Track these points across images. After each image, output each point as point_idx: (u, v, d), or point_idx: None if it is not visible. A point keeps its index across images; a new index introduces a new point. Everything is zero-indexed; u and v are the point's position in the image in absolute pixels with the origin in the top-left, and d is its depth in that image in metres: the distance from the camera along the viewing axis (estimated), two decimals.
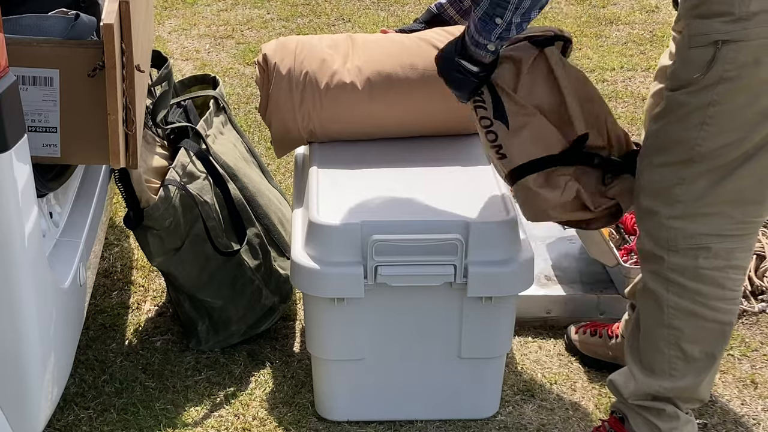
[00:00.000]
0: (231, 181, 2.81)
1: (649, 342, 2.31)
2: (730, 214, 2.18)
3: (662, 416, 2.33)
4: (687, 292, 2.23)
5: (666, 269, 2.23)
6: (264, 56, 2.72)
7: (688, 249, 2.20)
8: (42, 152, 2.21)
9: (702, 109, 2.11)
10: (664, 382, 2.30)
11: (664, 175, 2.20)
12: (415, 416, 2.57)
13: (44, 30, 2.23)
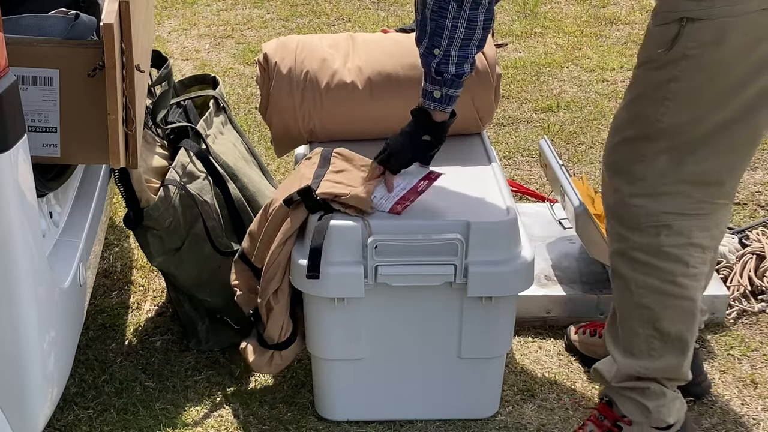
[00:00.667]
0: (231, 181, 2.81)
1: (625, 324, 2.34)
2: (691, 194, 2.23)
3: (648, 395, 2.35)
4: (652, 270, 2.26)
5: (630, 248, 2.27)
6: (264, 55, 2.73)
7: (650, 227, 2.24)
8: (42, 152, 2.21)
9: (664, 84, 2.15)
10: (644, 362, 2.33)
11: (627, 151, 2.25)
12: (415, 416, 2.56)
13: (44, 30, 2.23)
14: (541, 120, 4.16)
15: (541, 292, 2.93)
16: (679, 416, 2.38)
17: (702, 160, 2.20)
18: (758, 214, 3.47)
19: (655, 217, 2.23)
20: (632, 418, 2.38)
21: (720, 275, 3.07)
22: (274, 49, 2.74)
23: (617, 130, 2.28)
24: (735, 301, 3.01)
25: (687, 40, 2.11)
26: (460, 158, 2.66)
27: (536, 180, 3.71)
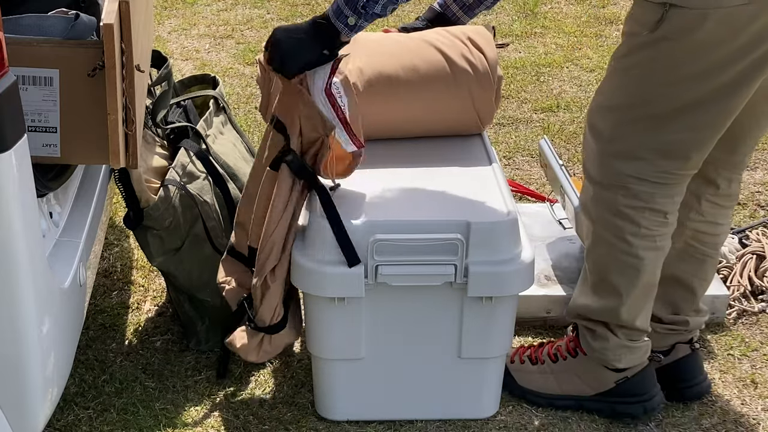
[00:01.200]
0: (231, 181, 2.81)
1: (586, 265, 2.53)
2: (655, 162, 2.35)
3: (593, 336, 2.54)
4: (607, 224, 2.43)
5: (593, 200, 2.43)
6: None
7: (611, 185, 2.39)
8: (42, 152, 2.21)
9: (645, 61, 2.29)
10: (593, 301, 2.51)
11: (607, 114, 2.38)
12: (415, 416, 2.56)
13: (44, 30, 2.23)
14: (541, 120, 4.16)
15: (541, 292, 2.93)
16: (631, 364, 2.54)
17: (673, 132, 2.32)
18: (758, 214, 3.47)
19: (618, 176, 2.38)
20: (586, 351, 2.57)
21: (720, 275, 3.07)
22: None
23: (601, 92, 2.42)
24: (735, 301, 3.01)
25: (668, 24, 2.22)
26: (460, 159, 2.66)
27: (536, 180, 3.71)
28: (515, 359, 2.66)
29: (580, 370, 2.58)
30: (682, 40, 2.23)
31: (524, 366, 2.64)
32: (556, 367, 2.61)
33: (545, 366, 2.62)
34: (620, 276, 2.46)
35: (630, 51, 2.32)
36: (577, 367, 2.58)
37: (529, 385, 2.62)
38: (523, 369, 2.64)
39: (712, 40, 2.21)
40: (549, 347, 2.65)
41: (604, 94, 2.41)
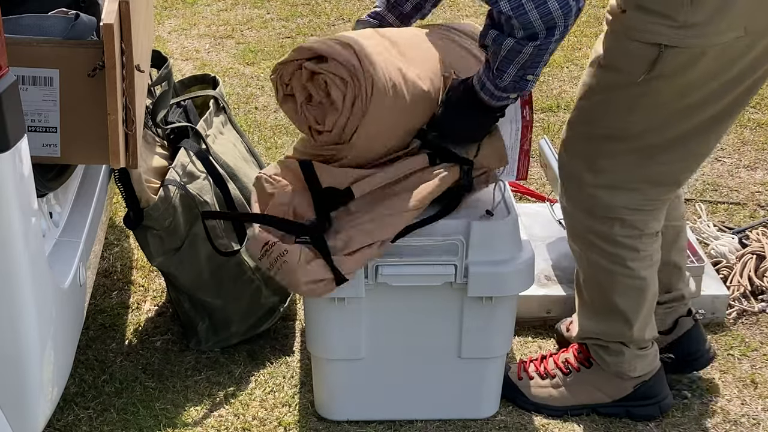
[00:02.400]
0: (231, 181, 2.81)
1: (586, 291, 2.53)
2: (647, 192, 2.36)
3: (607, 351, 2.54)
4: (605, 253, 2.42)
5: (585, 231, 2.42)
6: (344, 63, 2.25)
7: (605, 218, 2.37)
8: (42, 152, 2.21)
9: (635, 97, 2.25)
10: (600, 325, 2.51)
11: (592, 145, 2.35)
12: (415, 416, 2.56)
13: (44, 30, 2.23)
14: (541, 120, 4.16)
15: (541, 292, 2.93)
16: (646, 370, 2.55)
17: (662, 164, 2.32)
18: (758, 214, 3.47)
19: (610, 209, 2.37)
20: (599, 361, 2.57)
21: (720, 275, 3.07)
22: (352, 55, 2.25)
23: (583, 122, 2.37)
24: (735, 301, 3.01)
25: (663, 64, 2.18)
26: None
27: (536, 180, 3.71)
28: (522, 375, 2.63)
29: (595, 380, 2.57)
30: (676, 77, 2.20)
31: (534, 381, 2.61)
32: (569, 379, 2.59)
33: (557, 379, 2.59)
34: (626, 299, 2.46)
35: (617, 86, 2.27)
36: (592, 378, 2.57)
37: (544, 400, 2.59)
38: (534, 384, 2.61)
39: (705, 75, 2.20)
40: (555, 359, 2.63)
41: (586, 123, 2.36)
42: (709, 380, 2.72)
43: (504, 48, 2.10)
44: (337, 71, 2.23)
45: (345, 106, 2.25)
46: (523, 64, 2.12)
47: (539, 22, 2.04)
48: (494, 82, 2.18)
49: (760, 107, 4.24)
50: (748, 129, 4.06)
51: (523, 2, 2.03)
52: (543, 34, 2.07)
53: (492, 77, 2.18)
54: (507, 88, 2.18)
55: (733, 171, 3.76)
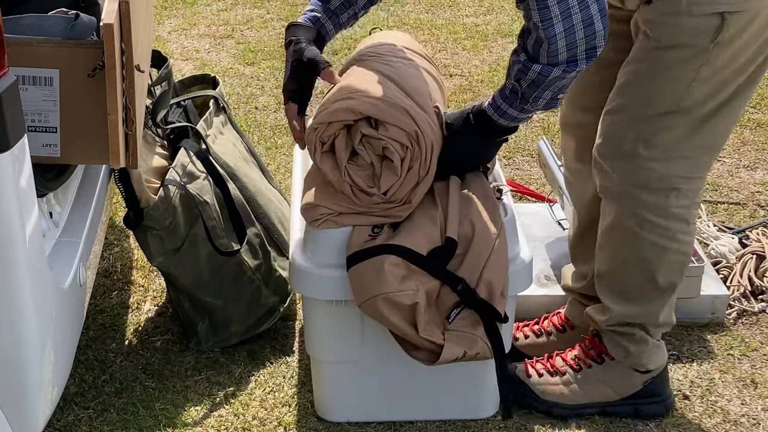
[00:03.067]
0: (231, 181, 2.81)
1: (622, 273, 2.49)
2: (699, 158, 2.39)
3: (632, 340, 2.53)
4: (657, 228, 2.41)
5: (639, 207, 2.40)
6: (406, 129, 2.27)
7: (660, 189, 2.39)
8: (42, 152, 2.21)
9: (696, 68, 2.29)
10: (635, 308, 2.50)
11: (646, 125, 2.36)
12: (415, 417, 2.56)
13: (44, 30, 2.23)
14: (541, 120, 4.16)
15: (541, 292, 2.93)
16: (658, 364, 2.57)
17: (713, 128, 2.37)
18: (758, 214, 3.47)
19: (666, 180, 2.38)
20: (614, 356, 2.55)
21: (720, 275, 3.07)
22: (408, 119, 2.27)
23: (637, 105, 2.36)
24: (735, 301, 3.01)
25: (727, 30, 2.24)
26: None
27: (536, 180, 3.71)
28: (531, 373, 2.61)
29: (607, 376, 2.56)
30: (734, 42, 2.27)
31: (544, 378, 2.60)
32: (580, 376, 2.58)
33: (567, 377, 2.58)
34: (669, 275, 2.47)
35: (681, 61, 2.30)
36: (604, 374, 2.56)
37: (554, 398, 2.58)
38: (544, 382, 2.59)
39: (755, 36, 2.28)
40: (563, 356, 2.62)
41: (642, 105, 2.36)
42: (709, 380, 2.72)
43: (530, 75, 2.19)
44: (399, 138, 2.25)
45: (403, 169, 2.28)
46: (560, 88, 2.22)
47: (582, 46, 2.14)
48: (521, 107, 2.25)
49: (760, 107, 4.24)
50: (748, 129, 4.06)
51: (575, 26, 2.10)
52: (583, 58, 2.16)
53: (519, 103, 2.24)
54: (532, 110, 2.27)
55: (733, 171, 3.76)
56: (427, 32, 5.07)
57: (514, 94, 2.24)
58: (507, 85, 2.26)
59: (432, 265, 2.28)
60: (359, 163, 2.30)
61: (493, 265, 2.30)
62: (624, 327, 2.52)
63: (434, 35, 5.06)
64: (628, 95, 2.38)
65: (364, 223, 2.34)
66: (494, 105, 2.29)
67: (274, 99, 4.35)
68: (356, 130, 2.28)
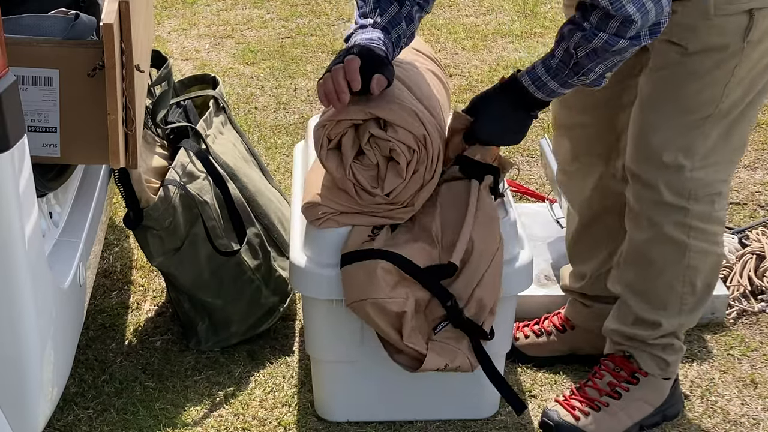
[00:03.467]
0: (231, 181, 2.81)
1: (666, 286, 2.45)
2: (732, 159, 2.41)
3: (669, 350, 2.51)
4: (705, 234, 2.41)
5: (689, 218, 2.38)
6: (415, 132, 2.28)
7: (707, 196, 2.38)
8: (42, 152, 2.21)
9: (730, 69, 2.28)
10: (683, 317, 2.48)
11: (687, 131, 2.33)
12: (415, 417, 2.56)
13: (44, 30, 2.23)
14: (541, 120, 4.15)
15: (541, 292, 2.93)
16: (678, 368, 2.59)
17: (743, 128, 2.38)
18: (758, 214, 3.47)
19: (710, 186, 2.38)
20: (649, 371, 2.51)
21: (720, 275, 3.07)
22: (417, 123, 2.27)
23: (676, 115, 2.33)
24: (735, 301, 3.01)
25: (757, 28, 2.24)
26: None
27: (536, 180, 3.71)
28: (578, 416, 2.50)
29: (644, 393, 2.52)
30: (763, 41, 2.26)
31: (591, 417, 2.49)
32: (621, 402, 2.51)
33: (610, 407, 2.51)
34: (709, 278, 2.47)
35: (716, 65, 2.27)
36: (642, 392, 2.52)
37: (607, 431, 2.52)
38: (593, 420, 2.49)
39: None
40: (594, 386, 2.54)
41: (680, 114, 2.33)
42: (709, 380, 2.72)
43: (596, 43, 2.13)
44: (406, 140, 2.25)
45: (408, 172, 2.27)
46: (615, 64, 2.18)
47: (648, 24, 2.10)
48: (564, 80, 2.21)
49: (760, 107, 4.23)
50: None
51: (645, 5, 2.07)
52: (646, 34, 2.13)
53: (566, 75, 2.20)
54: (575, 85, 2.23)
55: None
56: (427, 32, 5.07)
57: (563, 64, 2.19)
58: (556, 54, 2.20)
59: (426, 278, 2.28)
60: (365, 163, 2.30)
61: (486, 283, 2.30)
62: (667, 338, 2.50)
63: (434, 35, 5.05)
64: (661, 105, 2.34)
65: (365, 223, 2.34)
66: (533, 76, 2.24)
67: (274, 99, 4.36)
68: (364, 129, 2.28)
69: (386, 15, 2.28)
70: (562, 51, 2.20)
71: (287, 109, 4.27)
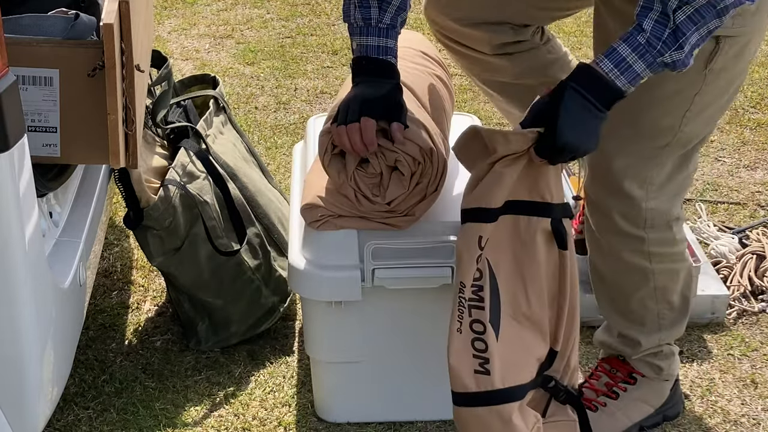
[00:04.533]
0: (231, 181, 2.81)
1: (636, 304, 2.43)
2: (687, 184, 2.38)
3: (661, 356, 2.51)
4: (667, 256, 2.39)
5: (647, 245, 2.35)
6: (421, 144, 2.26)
7: (663, 224, 2.34)
8: (42, 152, 2.21)
9: (689, 98, 2.19)
10: (662, 333, 2.47)
11: (646, 159, 2.26)
12: (415, 417, 2.56)
13: (44, 30, 2.23)
14: None
15: None
16: (679, 367, 2.58)
17: (696, 155, 2.34)
18: (758, 214, 3.47)
19: (667, 214, 2.34)
20: (646, 374, 2.52)
21: (720, 275, 3.07)
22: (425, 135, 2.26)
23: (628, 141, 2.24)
24: (735, 301, 3.00)
25: (720, 55, 2.15)
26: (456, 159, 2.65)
27: None
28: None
29: (643, 393, 2.52)
30: (727, 68, 2.18)
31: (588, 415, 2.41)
32: (619, 402, 2.51)
33: (607, 407, 2.50)
34: (685, 291, 2.46)
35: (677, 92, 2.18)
36: (640, 392, 2.52)
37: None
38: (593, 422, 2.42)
39: (745, 65, 2.22)
40: (590, 386, 2.52)
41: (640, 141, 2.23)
42: (709, 380, 2.72)
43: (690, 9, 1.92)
44: (413, 152, 2.23)
45: (411, 183, 2.27)
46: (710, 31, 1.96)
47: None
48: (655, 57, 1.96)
49: (760, 107, 4.24)
50: (748, 129, 4.05)
51: None
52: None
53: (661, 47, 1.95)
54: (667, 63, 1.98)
55: (733, 171, 3.76)
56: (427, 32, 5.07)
57: (655, 37, 1.94)
58: (645, 26, 1.93)
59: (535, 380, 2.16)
60: (368, 171, 2.29)
61: (575, 344, 2.19)
62: (652, 348, 2.50)
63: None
64: (621, 130, 2.21)
65: (363, 227, 2.33)
66: (617, 59, 1.96)
67: (274, 99, 4.35)
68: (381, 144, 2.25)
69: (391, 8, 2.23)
70: (652, 22, 1.94)
71: (287, 109, 4.27)
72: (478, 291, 2.07)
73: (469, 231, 2.07)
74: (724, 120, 4.10)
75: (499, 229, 2.09)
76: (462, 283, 2.07)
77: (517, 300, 2.12)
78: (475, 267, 2.07)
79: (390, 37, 2.25)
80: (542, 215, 2.11)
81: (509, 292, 2.11)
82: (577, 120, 1.99)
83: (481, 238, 2.06)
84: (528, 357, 2.13)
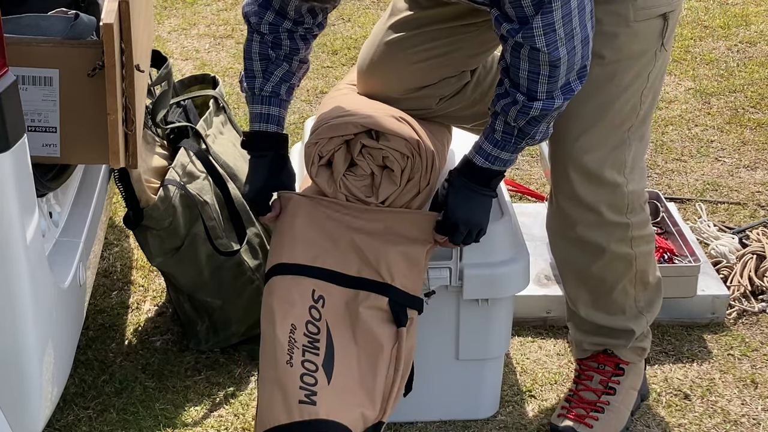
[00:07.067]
0: (231, 181, 2.81)
1: (618, 294, 2.45)
2: (644, 157, 2.41)
3: (641, 338, 2.54)
4: (644, 238, 2.43)
5: (631, 231, 2.40)
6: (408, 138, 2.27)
7: (639, 206, 2.40)
8: (42, 152, 2.21)
9: (645, 77, 2.28)
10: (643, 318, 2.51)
11: (615, 148, 2.32)
12: (415, 416, 2.56)
13: (44, 29, 2.23)
14: None
15: (541, 292, 2.93)
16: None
17: (648, 127, 2.39)
18: (758, 214, 3.47)
19: (641, 195, 2.40)
20: (631, 360, 2.54)
21: (720, 275, 3.07)
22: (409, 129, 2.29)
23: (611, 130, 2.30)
24: (735, 301, 3.01)
25: (668, 30, 2.26)
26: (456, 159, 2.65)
27: (536, 180, 3.71)
28: (590, 422, 2.48)
29: (631, 381, 2.55)
30: (669, 40, 2.29)
31: (600, 419, 2.49)
32: (618, 396, 2.52)
33: (611, 405, 2.51)
34: (655, 269, 2.50)
35: (638, 74, 2.26)
36: (630, 380, 2.54)
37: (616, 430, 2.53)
38: (602, 422, 2.49)
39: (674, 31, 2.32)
40: (586, 387, 2.53)
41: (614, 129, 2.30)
42: (710, 380, 2.72)
43: (533, 113, 2.10)
44: (399, 147, 2.24)
45: (402, 179, 2.28)
46: (555, 117, 2.14)
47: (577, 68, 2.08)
48: (515, 147, 2.17)
49: (760, 107, 4.24)
50: (748, 129, 4.06)
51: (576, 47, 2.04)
52: (576, 79, 2.10)
53: (514, 143, 2.16)
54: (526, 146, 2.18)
55: (733, 171, 3.76)
56: None
57: (507, 135, 2.16)
58: (496, 128, 2.16)
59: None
60: (358, 174, 2.29)
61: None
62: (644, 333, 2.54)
63: None
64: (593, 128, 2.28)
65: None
66: (484, 154, 2.19)
67: None
68: (356, 142, 2.27)
69: (273, 78, 2.32)
70: (501, 124, 2.15)
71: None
72: (313, 342, 2.16)
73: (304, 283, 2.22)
74: (724, 120, 4.11)
75: (335, 297, 2.22)
76: (293, 324, 2.16)
77: (352, 371, 2.18)
78: (308, 315, 2.18)
79: (273, 105, 2.34)
80: (379, 293, 2.23)
81: (345, 364, 2.18)
82: (466, 200, 2.23)
83: (315, 291, 2.21)
84: (355, 408, 2.13)
